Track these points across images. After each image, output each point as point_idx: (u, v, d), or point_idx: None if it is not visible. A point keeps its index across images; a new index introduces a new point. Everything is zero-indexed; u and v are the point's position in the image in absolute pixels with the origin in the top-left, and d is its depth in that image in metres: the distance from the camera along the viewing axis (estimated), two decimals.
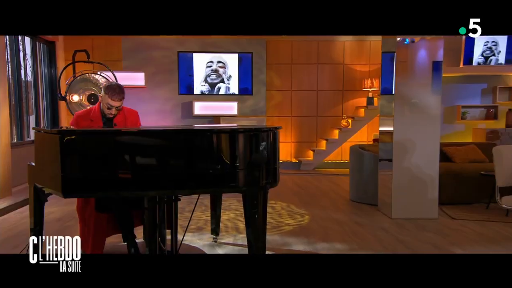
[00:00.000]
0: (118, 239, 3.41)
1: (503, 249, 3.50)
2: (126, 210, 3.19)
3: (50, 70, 7.48)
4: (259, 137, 2.65)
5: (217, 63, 8.64)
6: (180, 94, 8.60)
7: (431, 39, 4.55)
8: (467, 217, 4.53)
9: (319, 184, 6.77)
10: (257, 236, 2.69)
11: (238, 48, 8.60)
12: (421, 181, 4.49)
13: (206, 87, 8.65)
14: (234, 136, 2.57)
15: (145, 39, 8.41)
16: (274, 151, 2.76)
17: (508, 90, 8.53)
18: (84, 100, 6.67)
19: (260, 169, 2.64)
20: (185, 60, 8.56)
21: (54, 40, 7.35)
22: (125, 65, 8.31)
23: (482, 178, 5.05)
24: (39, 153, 2.64)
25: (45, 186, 2.57)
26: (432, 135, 4.53)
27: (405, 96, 4.54)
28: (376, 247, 3.53)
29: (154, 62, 8.46)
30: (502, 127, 8.35)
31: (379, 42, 8.69)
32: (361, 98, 8.78)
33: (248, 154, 2.61)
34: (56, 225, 4.19)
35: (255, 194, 2.64)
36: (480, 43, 8.32)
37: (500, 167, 3.29)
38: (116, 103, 2.98)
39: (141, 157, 2.49)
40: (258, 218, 2.67)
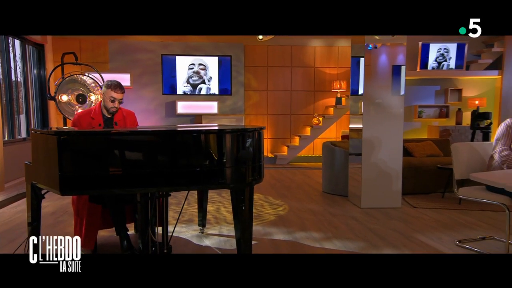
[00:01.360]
0: (111, 232, 3.33)
1: (458, 234, 3.57)
2: (119, 205, 3.12)
3: (39, 71, 7.20)
4: (245, 136, 2.63)
5: (199, 65, 8.53)
6: (164, 94, 8.45)
7: (391, 45, 4.60)
8: (426, 206, 4.64)
9: (294, 177, 6.79)
10: (244, 227, 2.67)
11: (218, 52, 8.51)
12: (386, 174, 4.56)
13: (188, 88, 8.53)
14: (222, 136, 2.54)
15: (131, 42, 8.22)
16: (259, 150, 2.74)
17: (457, 91, 8.76)
18: (72, 100, 6.44)
19: (246, 167, 2.62)
20: (169, 62, 8.41)
21: (43, 43, 7.07)
22: (112, 66, 8.09)
23: (438, 171, 5.20)
24: (36, 152, 2.53)
25: (43, 184, 2.47)
26: (396, 132, 4.60)
27: (371, 96, 4.59)
28: (348, 235, 3.55)
29: (139, 64, 8.27)
30: (452, 124, 8.60)
31: (346, 47, 8.82)
32: (330, 98, 8.85)
33: (235, 153, 2.57)
34: (50, 219, 4.05)
35: (242, 189, 2.62)
36: (434, 50, 8.52)
37: (457, 162, 3.36)
38: (119, 96, 3.01)
39: (135, 156, 2.43)
40: (244, 211, 2.65)
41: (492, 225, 3.85)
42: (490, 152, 3.33)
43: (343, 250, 3.17)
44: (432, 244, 3.29)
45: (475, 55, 8.82)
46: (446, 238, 3.45)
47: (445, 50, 8.58)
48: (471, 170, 3.30)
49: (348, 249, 3.18)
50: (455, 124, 8.60)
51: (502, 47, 8.49)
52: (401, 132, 4.62)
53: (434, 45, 8.48)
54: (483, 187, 3.21)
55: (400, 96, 4.62)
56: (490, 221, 3.99)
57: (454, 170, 3.38)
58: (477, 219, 4.08)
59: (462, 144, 3.48)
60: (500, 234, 3.47)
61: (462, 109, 8.63)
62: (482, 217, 4.15)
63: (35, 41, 6.88)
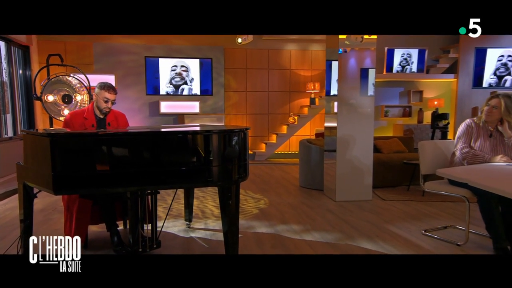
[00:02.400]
0: (101, 228, 3.24)
1: (423, 224, 3.65)
2: (109, 202, 3.04)
3: (25, 72, 6.90)
4: (232, 136, 2.61)
5: (181, 67, 8.40)
6: (147, 94, 8.28)
7: (360, 50, 4.64)
8: (393, 198, 4.75)
9: (272, 173, 6.81)
10: (231, 221, 2.65)
11: (199, 54, 8.41)
12: (359, 169, 4.63)
13: (171, 88, 8.40)
14: (210, 137, 2.51)
15: (115, 44, 8.01)
16: (245, 149, 2.73)
17: (419, 93, 8.99)
18: (58, 100, 6.22)
19: (233, 165, 2.60)
20: (152, 64, 8.25)
21: (28, 45, 6.79)
22: (96, 68, 7.86)
23: (404, 166, 5.32)
24: (28, 153, 2.43)
25: (36, 184, 2.38)
26: (367, 131, 4.67)
27: (344, 97, 4.63)
28: (325, 227, 3.59)
29: (123, 65, 8.08)
30: (415, 123, 8.82)
31: (319, 51, 8.89)
32: (305, 99, 8.91)
33: (222, 152, 2.55)
34: (40, 216, 3.90)
35: (228, 187, 2.60)
36: (398, 55, 8.71)
37: (423, 158, 3.44)
38: (112, 96, 3.00)
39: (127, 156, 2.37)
40: (231, 207, 2.64)
41: (453, 215, 3.97)
42: (452, 149, 3.43)
43: (321, 241, 3.20)
44: (401, 234, 3.36)
45: (434, 60, 9.08)
46: (413, 228, 3.53)
47: (408, 55, 8.78)
48: (435, 165, 3.39)
49: (326, 240, 3.21)
50: (417, 122, 8.83)
51: (457, 53, 8.77)
52: (372, 131, 4.69)
53: (398, 50, 8.66)
54: (445, 181, 3.31)
55: (370, 97, 4.67)
56: (450, 211, 4.11)
57: (420, 166, 3.46)
58: (439, 209, 4.21)
59: (427, 142, 3.57)
60: (460, 223, 3.59)
61: (423, 109, 8.87)
62: (443, 207, 4.28)
63: (20, 43, 6.60)
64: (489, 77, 8.86)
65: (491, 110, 3.15)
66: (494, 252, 2.88)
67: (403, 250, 2.96)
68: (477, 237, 3.20)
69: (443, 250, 2.98)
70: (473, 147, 3.24)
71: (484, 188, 2.49)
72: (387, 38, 8.25)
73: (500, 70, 8.86)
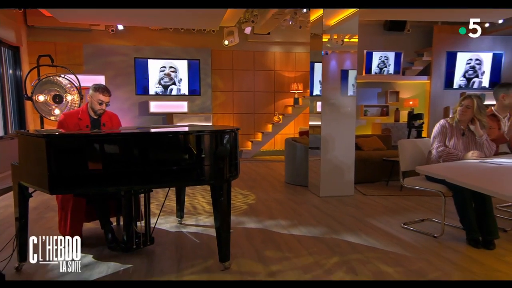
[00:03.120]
0: (96, 225, 3.18)
1: (402, 217, 3.71)
2: (103, 201, 2.99)
3: (15, 72, 6.69)
4: (223, 137, 2.59)
5: (169, 68, 8.30)
6: (137, 94, 8.16)
7: (340, 52, 4.68)
8: (374, 193, 4.82)
9: (258, 170, 6.81)
10: (223, 217, 2.63)
11: (187, 56, 8.32)
12: (341, 166, 4.68)
13: (160, 89, 8.29)
14: (202, 137, 2.48)
15: (105, 46, 7.85)
16: (235, 148, 2.71)
17: (395, 93, 9.15)
18: (49, 100, 6.05)
19: (224, 164, 2.58)
20: (141, 65, 8.12)
21: (18, 45, 6.58)
22: (86, 69, 7.68)
23: (383, 162, 5.41)
24: (24, 154, 2.35)
25: (31, 184, 2.31)
26: (349, 129, 4.72)
27: (327, 97, 4.66)
28: (311, 222, 3.61)
29: (113, 66, 7.93)
30: (392, 122, 8.97)
31: (302, 53, 8.92)
32: (289, 99, 8.93)
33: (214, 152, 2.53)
34: (33, 214, 3.79)
35: (220, 185, 2.58)
36: (376, 57, 8.83)
37: (403, 156, 3.50)
38: (106, 98, 2.95)
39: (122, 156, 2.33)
40: (223, 204, 2.62)
41: (429, 209, 4.06)
42: (429, 147, 3.50)
43: (308, 235, 3.22)
44: (382, 227, 3.42)
45: (409, 63, 9.24)
46: (393, 221, 3.59)
47: (385, 58, 8.91)
48: (414, 163, 3.45)
49: (313, 235, 3.23)
50: (394, 121, 8.98)
51: (430, 57, 8.95)
52: (354, 129, 4.75)
53: (376, 53, 8.78)
54: (423, 177, 3.37)
55: (352, 97, 4.72)
56: (427, 205, 4.20)
57: (400, 163, 3.51)
58: (416, 203, 4.29)
59: (406, 141, 3.63)
60: (436, 216, 3.68)
61: (400, 109, 9.03)
62: (420, 202, 4.37)
63: (10, 43, 6.39)
64: (459, 79, 9.08)
65: (465, 110, 3.24)
66: (467, 243, 2.97)
67: (384, 243, 3.01)
68: (452, 229, 3.28)
69: (421, 242, 3.04)
70: (447, 145, 3.31)
71: (459, 184, 2.55)
72: (366, 42, 8.35)
73: (469, 73, 9.09)
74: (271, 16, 7.01)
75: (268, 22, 7.40)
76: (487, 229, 2.92)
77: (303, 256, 2.75)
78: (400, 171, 3.50)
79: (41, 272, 2.39)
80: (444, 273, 2.48)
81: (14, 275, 2.41)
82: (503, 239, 3.05)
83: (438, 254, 2.78)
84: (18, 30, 6.65)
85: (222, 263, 2.56)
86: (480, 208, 2.98)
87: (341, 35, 4.64)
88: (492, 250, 2.83)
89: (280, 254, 2.80)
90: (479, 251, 2.82)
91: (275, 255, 2.77)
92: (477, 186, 2.39)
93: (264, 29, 8.05)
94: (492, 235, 2.90)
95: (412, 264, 2.61)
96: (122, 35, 7.96)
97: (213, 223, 3.49)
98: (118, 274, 2.46)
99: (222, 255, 2.58)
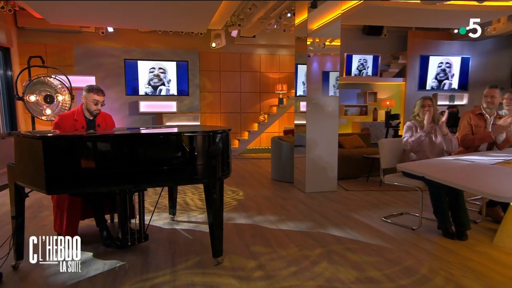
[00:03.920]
0: (91, 222, 3.12)
1: (382, 211, 3.77)
2: (98, 199, 2.94)
3: (6, 73, 6.46)
4: (216, 137, 2.58)
5: (158, 69, 8.18)
6: (127, 94, 8.01)
7: (321, 55, 4.71)
8: (355, 188, 4.89)
9: (245, 167, 6.81)
10: (215, 214, 2.62)
11: (176, 57, 8.22)
12: (325, 163, 4.72)
13: (149, 89, 8.17)
14: (196, 138, 2.46)
15: (95, 47, 7.67)
16: (227, 148, 2.70)
17: (373, 94, 9.30)
18: (40, 100, 5.88)
19: (217, 164, 2.57)
20: (131, 66, 7.98)
21: (8, 46, 6.35)
22: (77, 70, 7.50)
23: (364, 159, 5.50)
24: (20, 155, 2.28)
25: (28, 185, 2.25)
26: (332, 128, 4.76)
27: (311, 97, 4.68)
28: (298, 217, 3.63)
29: (104, 67, 7.76)
30: (370, 121, 9.12)
31: (286, 56, 8.95)
32: (274, 99, 8.95)
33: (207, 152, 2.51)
34: (27, 212, 3.66)
35: (213, 184, 2.57)
36: (356, 60, 8.95)
37: (383, 154, 3.55)
38: (101, 98, 2.90)
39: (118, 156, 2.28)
40: (216, 201, 2.61)
41: (407, 203, 4.15)
42: None
43: (296, 230, 3.24)
44: (364, 221, 3.47)
45: (386, 65, 9.41)
46: (374, 215, 3.65)
47: (364, 60, 9.04)
48: (393, 160, 3.53)
49: (300, 229, 3.25)
50: (372, 120, 9.13)
51: (405, 60, 9.13)
52: (337, 128, 4.79)
53: (356, 56, 8.90)
54: (400, 174, 3.45)
55: (335, 97, 4.76)
56: (405, 200, 4.29)
57: (380, 161, 3.57)
58: (395, 198, 4.38)
59: (386, 140, 3.69)
60: (414, 210, 3.76)
61: (377, 108, 9.18)
62: (398, 196, 4.46)
63: (0, 44, 6.16)
64: (431, 81, 9.30)
65: (427, 109, 3.40)
66: (442, 233, 3.05)
67: (367, 236, 3.06)
68: (428, 222, 3.36)
69: (400, 234, 3.11)
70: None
71: (436, 180, 2.62)
72: (346, 45, 8.43)
73: (440, 75, 9.33)
74: (257, 20, 7.00)
75: (254, 25, 7.38)
76: (460, 221, 3.00)
77: (290, 249, 2.77)
78: (381, 169, 3.56)
79: (38, 271, 2.34)
80: (419, 260, 2.54)
81: (11, 273, 2.35)
82: (474, 230, 3.15)
83: (416, 245, 2.85)
84: (8, 31, 6.42)
85: (215, 258, 2.56)
86: (454, 202, 3.06)
87: (324, 38, 4.67)
88: (465, 241, 2.93)
89: (270, 249, 2.81)
90: (453, 242, 2.91)
91: (265, 250, 2.78)
92: (453, 182, 2.47)
93: (250, 32, 8.03)
94: (465, 226, 3.00)
95: (392, 254, 2.66)
96: (112, 37, 7.80)
97: (204, 220, 3.50)
98: (114, 271, 2.42)
99: (215, 251, 2.57)
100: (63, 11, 5.47)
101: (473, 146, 3.58)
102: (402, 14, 5.92)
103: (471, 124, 3.56)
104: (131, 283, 2.25)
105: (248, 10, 6.74)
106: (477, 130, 3.52)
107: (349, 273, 2.37)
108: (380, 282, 2.25)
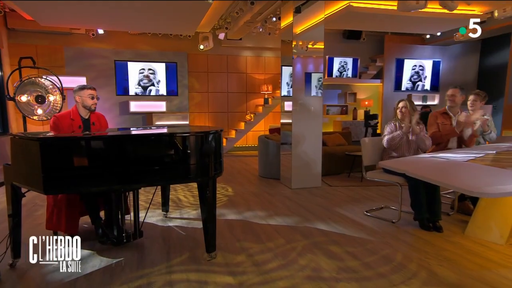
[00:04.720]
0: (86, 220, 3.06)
1: (364, 205, 3.83)
2: (93, 197, 2.88)
3: None
4: (208, 137, 2.56)
5: (148, 70, 8.05)
6: (117, 95, 7.85)
7: (304, 57, 4.73)
8: (338, 184, 4.95)
9: (233, 164, 6.79)
10: (208, 210, 2.61)
11: (165, 59, 8.11)
12: (310, 160, 4.77)
13: (139, 89, 8.03)
14: (189, 138, 2.45)
15: (86, 49, 7.48)
16: (220, 148, 2.69)
17: (353, 94, 9.43)
18: (32, 100, 5.71)
19: (210, 163, 2.56)
20: (121, 67, 7.82)
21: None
22: (68, 70, 7.29)
23: (346, 156, 5.58)
24: (17, 156, 2.21)
25: (25, 185, 2.18)
26: (317, 126, 4.80)
27: (297, 97, 4.70)
28: (286, 212, 3.65)
29: (94, 68, 7.58)
30: (350, 120, 9.24)
31: (271, 58, 8.95)
32: (259, 99, 8.96)
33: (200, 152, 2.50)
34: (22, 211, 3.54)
35: (206, 183, 2.56)
36: (337, 62, 9.03)
37: (365, 152, 3.61)
38: (94, 92, 2.89)
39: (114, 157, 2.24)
40: (209, 199, 2.60)
41: (386, 198, 4.23)
42: None
43: (284, 224, 3.27)
44: (348, 215, 3.53)
45: (365, 67, 9.55)
46: (357, 209, 3.72)
47: (344, 63, 9.14)
48: (375, 157, 3.59)
49: (288, 224, 3.28)
50: (352, 119, 9.26)
51: (382, 62, 9.30)
52: (321, 127, 4.83)
53: (337, 59, 8.99)
54: (381, 170, 3.52)
55: (319, 98, 4.80)
56: (384, 194, 4.38)
57: (362, 158, 3.62)
58: (375, 193, 4.46)
59: (368, 139, 3.75)
60: (393, 204, 3.85)
61: (357, 108, 9.31)
62: (378, 191, 4.55)
63: None
64: (406, 82, 9.50)
65: (402, 111, 3.46)
66: (414, 219, 3.13)
67: (351, 229, 3.12)
68: (407, 215, 3.44)
69: (382, 227, 3.18)
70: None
71: (417, 177, 2.69)
72: (328, 48, 8.51)
73: (414, 77, 9.54)
74: (243, 24, 6.97)
75: (240, 28, 7.35)
76: (435, 213, 3.10)
77: (280, 242, 2.80)
78: (363, 166, 3.62)
79: (36, 269, 2.28)
80: (397, 250, 2.61)
81: (9, 271, 2.28)
82: (447, 222, 3.25)
83: (396, 237, 2.92)
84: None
85: (208, 254, 2.55)
86: (431, 196, 3.15)
87: (308, 41, 4.71)
88: (441, 232, 3.02)
89: (261, 243, 2.82)
90: (430, 234, 3.00)
91: (256, 245, 2.79)
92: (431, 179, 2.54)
93: (236, 35, 8.00)
94: (438, 216, 3.09)
95: (373, 245, 2.72)
96: (102, 39, 7.62)
97: (196, 216, 3.48)
98: (111, 267, 2.39)
99: (209, 246, 2.57)
100: (53, 12, 5.31)
101: (442, 142, 3.71)
102: (380, 20, 6.03)
103: (437, 123, 3.70)
104: (128, 279, 2.23)
105: (235, 14, 6.71)
106: (443, 128, 3.64)
107: (333, 263, 2.41)
108: (360, 271, 2.30)
